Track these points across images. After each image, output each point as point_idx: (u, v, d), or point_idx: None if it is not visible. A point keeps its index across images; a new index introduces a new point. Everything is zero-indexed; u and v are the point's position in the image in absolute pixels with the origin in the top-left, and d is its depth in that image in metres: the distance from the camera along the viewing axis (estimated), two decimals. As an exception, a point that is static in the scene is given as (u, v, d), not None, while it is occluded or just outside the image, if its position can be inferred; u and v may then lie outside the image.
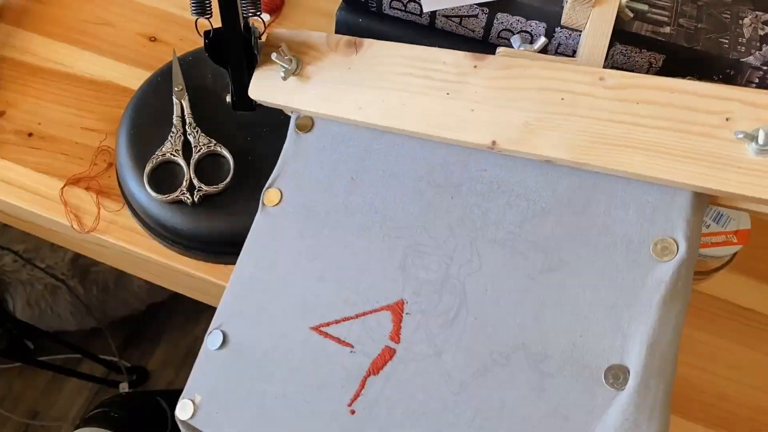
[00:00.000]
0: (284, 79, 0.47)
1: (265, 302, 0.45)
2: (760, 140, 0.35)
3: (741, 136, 0.35)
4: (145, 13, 0.72)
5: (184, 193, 0.54)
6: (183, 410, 0.44)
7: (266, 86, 0.48)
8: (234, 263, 0.57)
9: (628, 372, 0.36)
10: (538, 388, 0.38)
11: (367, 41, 0.46)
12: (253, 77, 0.48)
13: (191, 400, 0.44)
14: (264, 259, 0.46)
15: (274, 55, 0.46)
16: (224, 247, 0.56)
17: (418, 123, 0.44)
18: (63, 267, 1.18)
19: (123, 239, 0.58)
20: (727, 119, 0.36)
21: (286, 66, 0.46)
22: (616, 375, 0.37)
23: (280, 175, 0.48)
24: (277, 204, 0.47)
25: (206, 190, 0.54)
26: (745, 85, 0.46)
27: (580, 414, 0.37)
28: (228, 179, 0.55)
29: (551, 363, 0.38)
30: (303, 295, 0.44)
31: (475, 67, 0.43)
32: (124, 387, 1.32)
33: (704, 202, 0.39)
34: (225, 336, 0.45)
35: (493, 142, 0.41)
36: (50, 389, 1.38)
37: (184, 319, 1.44)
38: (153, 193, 0.54)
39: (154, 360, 1.41)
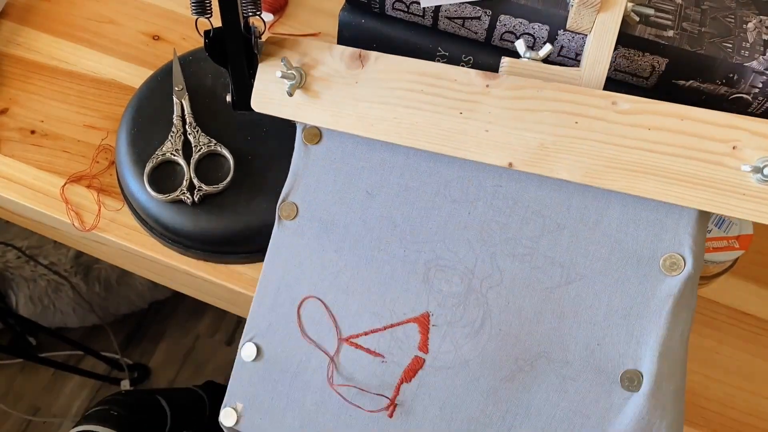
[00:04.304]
0: (290, 95, 0.46)
1: (295, 315, 0.46)
2: (766, 172, 0.37)
3: (748, 169, 0.37)
4: (149, 12, 0.72)
5: (184, 193, 0.54)
6: (227, 417, 0.46)
7: (270, 98, 0.48)
8: (234, 263, 0.57)
9: (642, 376, 0.39)
10: (561, 391, 0.41)
11: (373, 54, 0.46)
12: (254, 88, 0.48)
13: (233, 408, 0.46)
14: (289, 273, 0.47)
15: (278, 74, 0.45)
16: (224, 247, 0.56)
17: (433, 143, 0.44)
18: (66, 264, 1.18)
19: (123, 238, 0.58)
20: (734, 147, 0.39)
21: (292, 81, 0.46)
22: (631, 379, 0.40)
23: (293, 188, 0.48)
24: (294, 218, 0.48)
25: (206, 190, 0.54)
26: (749, 90, 0.46)
27: (599, 413, 0.40)
28: (228, 179, 0.55)
29: (572, 368, 0.41)
30: (331, 308, 0.46)
31: (487, 86, 0.43)
32: (125, 384, 1.33)
33: (708, 217, 0.41)
34: (258, 348, 0.46)
35: (510, 164, 0.42)
36: (52, 386, 1.38)
37: (186, 317, 1.45)
38: (153, 193, 0.54)
39: (155, 358, 1.41)
